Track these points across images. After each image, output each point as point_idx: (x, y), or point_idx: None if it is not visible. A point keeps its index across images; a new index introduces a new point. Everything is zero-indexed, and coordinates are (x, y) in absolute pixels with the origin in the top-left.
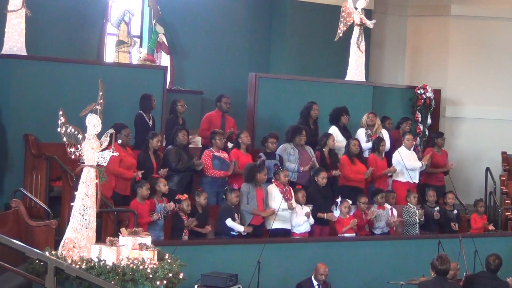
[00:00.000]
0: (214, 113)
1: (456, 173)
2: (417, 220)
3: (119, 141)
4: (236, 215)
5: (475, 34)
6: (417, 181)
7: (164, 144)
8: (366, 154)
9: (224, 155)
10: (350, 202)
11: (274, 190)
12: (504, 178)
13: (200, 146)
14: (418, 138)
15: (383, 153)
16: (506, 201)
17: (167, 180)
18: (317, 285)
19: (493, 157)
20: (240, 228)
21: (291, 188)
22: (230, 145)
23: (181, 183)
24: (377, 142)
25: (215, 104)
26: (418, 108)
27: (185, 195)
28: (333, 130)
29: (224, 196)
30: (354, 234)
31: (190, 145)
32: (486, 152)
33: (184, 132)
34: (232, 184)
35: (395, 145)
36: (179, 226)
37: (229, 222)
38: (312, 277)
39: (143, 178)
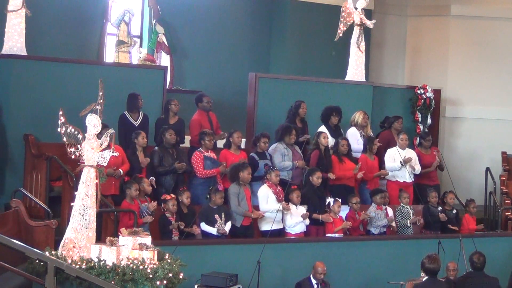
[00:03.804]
0: (198, 116)
1: (456, 173)
2: (409, 225)
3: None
4: (216, 216)
5: (475, 34)
6: (412, 180)
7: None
8: (359, 154)
9: (212, 155)
10: (340, 200)
11: (267, 191)
12: (504, 178)
13: (189, 146)
14: (418, 138)
15: (374, 153)
16: (506, 201)
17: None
18: (316, 284)
19: (493, 157)
20: (213, 231)
21: (282, 189)
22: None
23: (170, 184)
24: (369, 142)
25: (196, 105)
26: (418, 108)
27: (171, 195)
28: (322, 129)
29: (208, 196)
30: (342, 235)
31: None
32: (486, 152)
33: (171, 131)
34: (218, 185)
35: (388, 146)
36: (166, 227)
37: (203, 226)
38: (311, 276)
39: (129, 177)
